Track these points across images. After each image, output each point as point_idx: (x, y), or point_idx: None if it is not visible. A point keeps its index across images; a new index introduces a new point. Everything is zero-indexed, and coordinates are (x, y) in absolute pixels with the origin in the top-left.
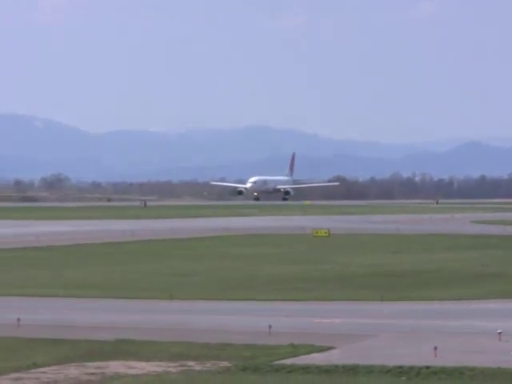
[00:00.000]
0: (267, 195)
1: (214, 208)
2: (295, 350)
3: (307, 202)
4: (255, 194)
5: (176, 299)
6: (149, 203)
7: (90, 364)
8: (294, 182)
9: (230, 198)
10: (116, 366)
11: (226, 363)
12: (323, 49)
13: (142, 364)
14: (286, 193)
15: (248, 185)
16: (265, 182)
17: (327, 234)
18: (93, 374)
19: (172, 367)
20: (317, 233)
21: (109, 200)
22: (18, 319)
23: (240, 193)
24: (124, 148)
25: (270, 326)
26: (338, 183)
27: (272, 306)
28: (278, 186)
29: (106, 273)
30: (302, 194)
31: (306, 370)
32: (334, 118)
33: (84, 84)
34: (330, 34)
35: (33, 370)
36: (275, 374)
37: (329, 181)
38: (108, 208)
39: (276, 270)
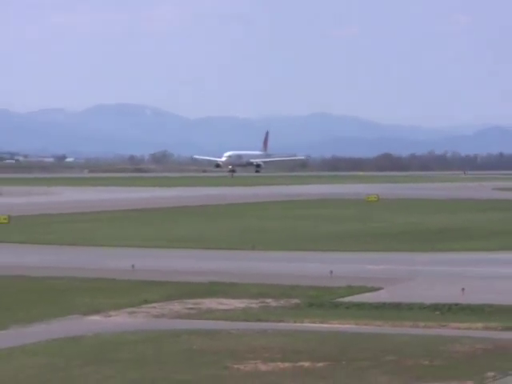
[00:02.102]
0: (242, 168)
1: (285, 178)
2: (351, 290)
3: (361, 173)
4: (230, 166)
5: (256, 250)
6: (236, 174)
7: (188, 301)
8: (267, 156)
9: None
10: (209, 303)
11: (296, 300)
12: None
13: (230, 301)
14: (258, 166)
15: (223, 159)
16: (239, 156)
17: (377, 199)
18: (191, 308)
19: (253, 303)
20: (368, 198)
21: (204, 171)
22: (133, 265)
23: (217, 166)
24: (215, 131)
25: (331, 272)
26: (303, 157)
27: (332, 256)
28: (251, 160)
29: (200, 229)
30: (273, 166)
31: (359, 306)
32: (383, 105)
33: (189, 77)
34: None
35: (144, 306)
36: (335, 309)
37: (377, 157)
38: (203, 178)
39: (335, 227)
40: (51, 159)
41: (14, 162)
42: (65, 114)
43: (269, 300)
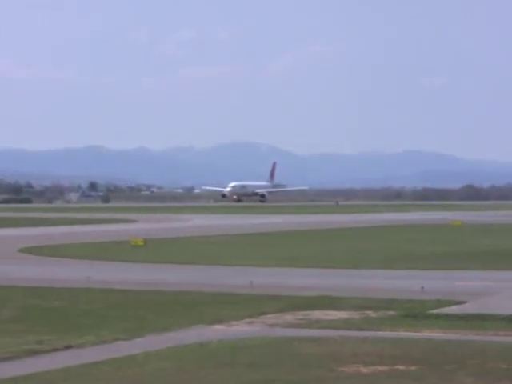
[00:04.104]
0: (247, 198)
1: (385, 206)
2: (440, 303)
3: (447, 202)
4: (234, 196)
5: (357, 268)
6: (340, 203)
7: (299, 312)
8: (274, 186)
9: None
10: (317, 314)
11: (392, 312)
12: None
13: (335, 312)
14: (262, 196)
15: (227, 189)
16: (243, 186)
17: (461, 224)
18: (301, 319)
19: (355, 314)
20: (453, 223)
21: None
22: (251, 281)
23: (223, 196)
24: (324, 166)
25: (422, 287)
26: (307, 188)
27: (424, 274)
28: (257, 190)
29: (310, 250)
30: (278, 197)
31: (447, 317)
32: (465, 141)
33: (302, 117)
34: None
35: (261, 317)
36: (426, 319)
37: (461, 189)
38: (311, 206)
39: (426, 248)
40: (181, 190)
41: (149, 192)
42: (192, 151)
43: (369, 311)
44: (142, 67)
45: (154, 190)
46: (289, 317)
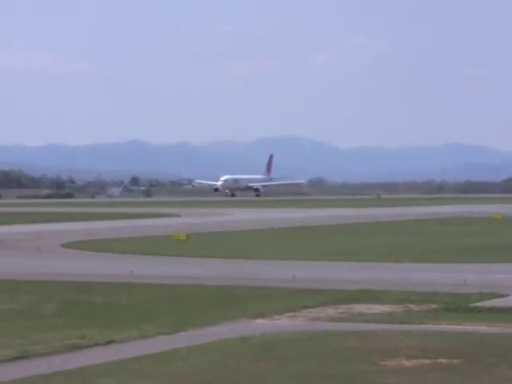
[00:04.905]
0: (241, 192)
1: (426, 199)
2: (482, 296)
3: (488, 195)
4: (226, 190)
5: (398, 261)
6: (382, 196)
7: (341, 306)
8: (270, 180)
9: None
10: (359, 308)
11: (434, 305)
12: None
13: (377, 306)
14: (256, 190)
15: (219, 183)
16: (235, 180)
17: (502, 217)
18: (343, 312)
19: (398, 308)
20: (494, 216)
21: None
22: (293, 275)
23: (216, 190)
24: (359, 160)
25: (464, 280)
26: (303, 181)
27: (466, 267)
28: (250, 184)
29: (352, 244)
30: (273, 190)
31: (489, 310)
32: (509, 134)
33: (341, 111)
34: None
35: (303, 310)
36: (468, 312)
37: (503, 181)
38: (351, 200)
39: (467, 241)
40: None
41: (191, 187)
42: (233, 145)
43: (411, 305)
44: (184, 62)
45: (196, 184)
46: (331, 310)
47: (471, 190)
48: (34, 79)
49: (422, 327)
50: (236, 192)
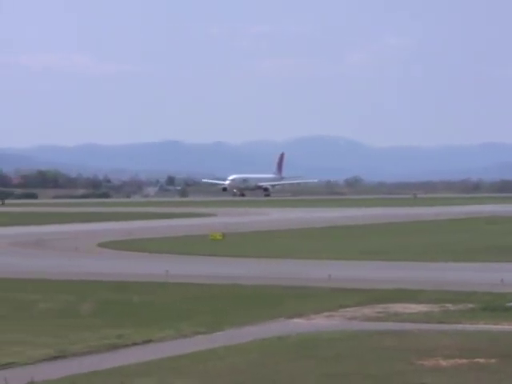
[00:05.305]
0: (250, 191)
1: (462, 199)
2: None
3: None
4: (235, 190)
5: (435, 261)
6: (418, 196)
7: (378, 305)
8: (281, 179)
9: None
10: (396, 307)
11: (471, 305)
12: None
13: (414, 305)
14: (266, 189)
15: (227, 182)
16: (244, 179)
17: None
18: (380, 312)
19: (435, 308)
20: None
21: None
22: (329, 275)
23: (224, 189)
24: (395, 159)
25: (502, 280)
26: (315, 180)
27: (503, 266)
28: (260, 183)
29: (387, 243)
30: (285, 189)
31: None
32: None
33: (377, 111)
34: None
35: (340, 310)
36: (506, 312)
37: None
38: (387, 199)
39: (504, 240)
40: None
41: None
42: (269, 145)
43: (448, 305)
44: (219, 62)
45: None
46: (367, 310)
47: (508, 189)
48: (71, 79)
49: (459, 327)
50: (245, 192)
